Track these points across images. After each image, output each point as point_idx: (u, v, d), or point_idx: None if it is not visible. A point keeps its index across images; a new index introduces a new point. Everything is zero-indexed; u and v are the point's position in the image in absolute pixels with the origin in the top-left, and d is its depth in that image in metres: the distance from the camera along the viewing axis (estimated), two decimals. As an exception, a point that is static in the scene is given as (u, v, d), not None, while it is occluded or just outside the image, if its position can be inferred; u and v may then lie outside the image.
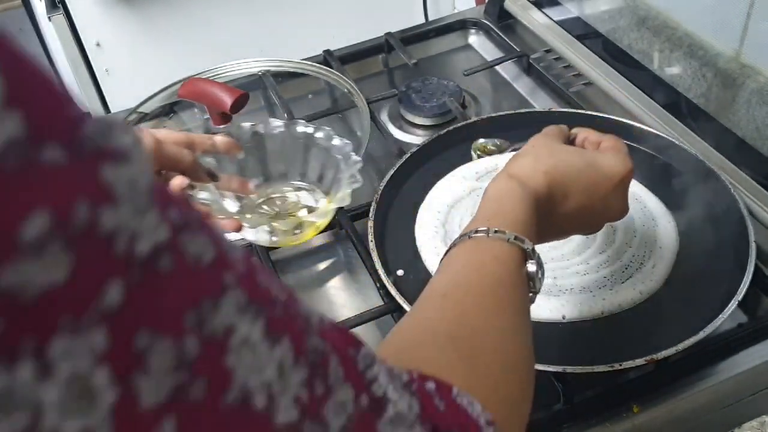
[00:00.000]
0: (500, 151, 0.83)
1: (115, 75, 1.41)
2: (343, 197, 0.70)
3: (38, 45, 1.70)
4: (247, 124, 0.75)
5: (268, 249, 0.81)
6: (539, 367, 0.61)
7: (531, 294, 0.49)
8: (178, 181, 0.65)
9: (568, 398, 0.65)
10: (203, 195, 0.69)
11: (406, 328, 0.43)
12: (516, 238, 0.48)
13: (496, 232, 0.48)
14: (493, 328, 0.43)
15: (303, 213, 0.77)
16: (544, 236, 0.55)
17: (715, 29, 0.89)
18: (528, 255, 0.48)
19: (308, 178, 0.78)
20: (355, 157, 0.72)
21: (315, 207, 0.78)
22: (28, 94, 0.19)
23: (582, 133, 0.65)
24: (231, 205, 0.75)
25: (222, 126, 0.97)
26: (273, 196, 0.78)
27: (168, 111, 1.05)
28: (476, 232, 0.49)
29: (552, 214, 0.55)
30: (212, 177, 0.69)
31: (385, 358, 0.32)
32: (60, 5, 1.32)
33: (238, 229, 0.69)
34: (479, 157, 0.83)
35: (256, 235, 0.72)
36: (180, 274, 0.22)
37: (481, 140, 0.83)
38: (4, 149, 0.18)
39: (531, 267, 0.48)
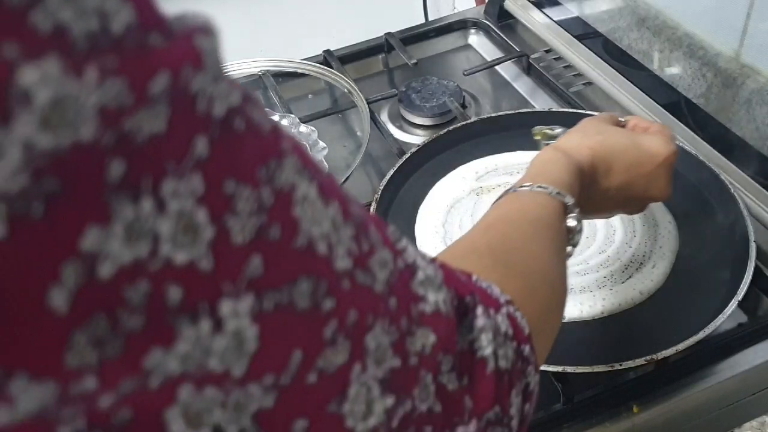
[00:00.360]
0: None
1: (115, 75, 1.41)
2: None
3: (38, 45, 1.70)
4: None
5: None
6: (539, 367, 0.62)
7: (569, 248, 0.51)
8: None
9: (568, 398, 0.65)
10: None
11: (450, 249, 0.46)
12: (559, 193, 0.51)
13: (539, 187, 0.51)
14: (532, 250, 0.46)
15: None
16: (586, 210, 0.56)
17: (715, 29, 0.89)
18: (569, 209, 0.51)
19: None
20: (321, 144, 0.72)
21: None
22: None
23: (632, 120, 0.67)
24: None
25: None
26: None
27: (168, 111, 1.05)
28: (520, 187, 0.52)
29: (595, 188, 0.57)
30: None
31: None
32: (60, 5, 1.32)
33: None
34: (541, 141, 0.80)
35: None
36: (250, 135, 0.25)
37: (540, 126, 0.81)
38: (125, 32, 0.21)
39: (571, 221, 0.51)
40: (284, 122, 0.73)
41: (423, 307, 0.31)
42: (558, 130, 0.70)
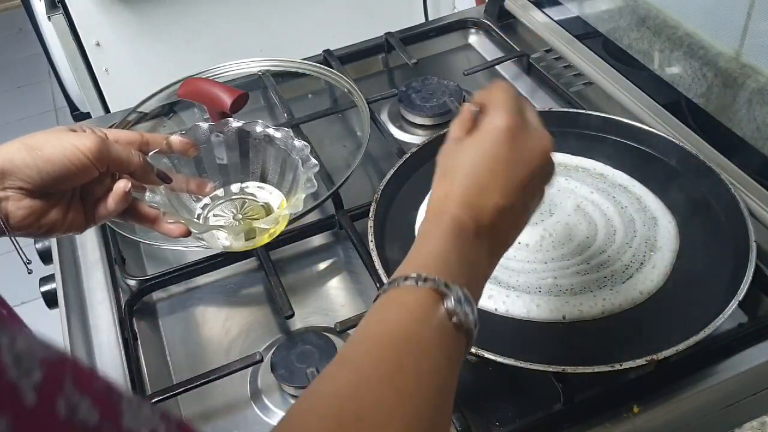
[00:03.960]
0: None
1: (114, 75, 1.41)
2: (296, 202, 0.69)
3: (38, 45, 1.70)
4: (204, 124, 0.74)
5: (268, 249, 0.81)
6: (539, 367, 0.61)
7: (464, 335, 0.45)
8: (121, 184, 0.63)
9: (568, 398, 0.65)
10: (156, 199, 0.66)
11: (300, 404, 0.41)
12: (426, 279, 0.45)
13: (405, 279, 0.45)
14: (390, 392, 0.40)
15: (260, 218, 0.75)
16: (493, 251, 0.51)
17: (715, 29, 0.89)
18: (442, 294, 0.44)
19: (268, 180, 0.77)
20: (312, 161, 0.71)
21: (274, 210, 0.77)
22: None
23: (481, 102, 0.56)
24: (186, 209, 0.73)
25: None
26: (233, 197, 0.76)
27: (168, 111, 1.05)
28: (390, 282, 0.46)
29: (483, 229, 0.50)
30: (164, 179, 0.66)
31: None
32: (60, 5, 1.32)
33: (186, 234, 0.66)
34: None
35: (209, 240, 0.70)
36: None
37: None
38: None
39: (449, 304, 0.44)
40: (278, 135, 0.73)
41: None
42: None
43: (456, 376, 0.44)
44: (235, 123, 0.74)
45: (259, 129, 0.74)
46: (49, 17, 1.33)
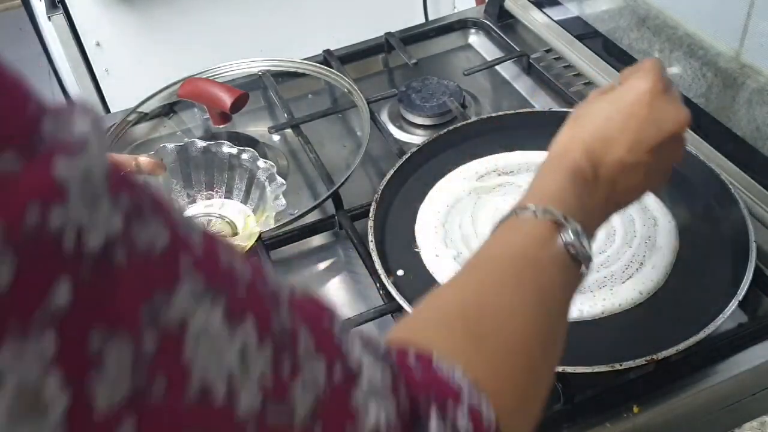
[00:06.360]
0: None
1: (115, 75, 1.41)
2: (266, 220, 0.70)
3: (38, 45, 1.70)
4: (171, 145, 0.76)
5: (268, 249, 0.81)
6: (539, 367, 0.61)
7: (578, 266, 0.47)
8: None
9: (568, 398, 0.65)
10: None
11: (423, 311, 0.43)
12: (545, 211, 0.46)
13: (524, 210, 0.47)
14: (508, 307, 0.42)
15: (226, 235, 0.77)
16: (609, 204, 0.53)
17: (715, 29, 0.89)
18: (560, 225, 0.46)
19: (234, 198, 0.78)
20: (279, 180, 0.73)
21: (238, 228, 0.78)
22: None
23: (623, 75, 0.59)
24: None
25: (222, 126, 0.97)
26: (197, 215, 0.77)
27: (168, 111, 1.05)
28: (514, 210, 0.48)
29: (606, 179, 0.52)
30: None
31: (396, 339, 0.32)
32: (60, 5, 1.32)
33: None
34: None
35: None
36: (133, 266, 0.21)
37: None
38: None
39: (566, 236, 0.46)
40: (244, 156, 0.75)
41: (360, 427, 0.27)
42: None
43: (569, 303, 0.46)
44: (200, 143, 0.77)
45: (225, 149, 0.76)
46: (49, 17, 1.33)
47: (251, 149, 0.76)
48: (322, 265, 0.86)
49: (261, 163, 0.75)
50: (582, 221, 0.47)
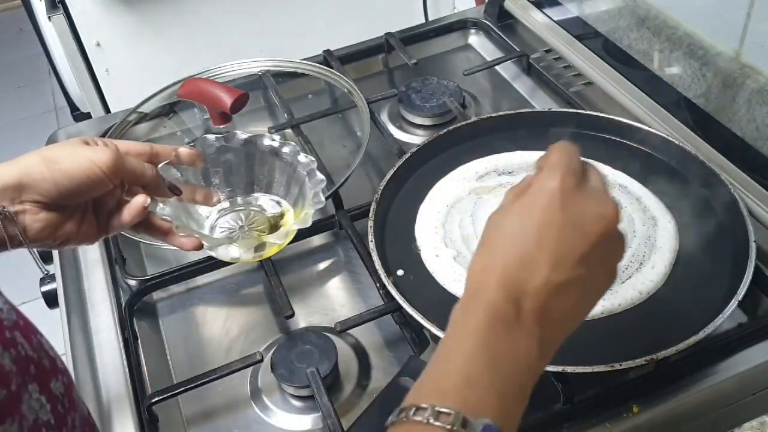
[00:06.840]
0: None
1: (115, 75, 1.41)
2: (305, 218, 0.69)
3: (38, 45, 1.70)
4: (212, 136, 0.75)
5: (268, 249, 0.81)
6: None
7: None
8: (140, 200, 0.63)
9: (568, 398, 0.65)
10: (166, 211, 0.66)
11: None
12: (441, 413, 0.39)
13: (416, 410, 0.39)
14: None
15: (265, 230, 0.76)
16: (546, 338, 0.44)
17: (715, 29, 0.89)
18: (465, 424, 0.38)
19: (274, 192, 0.78)
20: (319, 176, 0.71)
21: (281, 220, 0.77)
22: None
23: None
24: (194, 220, 0.73)
25: (222, 126, 0.97)
26: (238, 209, 0.77)
27: (168, 111, 1.05)
28: (401, 410, 0.41)
29: (528, 314, 0.43)
30: (174, 191, 0.67)
31: None
32: (60, 5, 1.32)
33: (199, 247, 0.67)
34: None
35: (218, 252, 0.71)
36: None
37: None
38: None
39: None
40: (285, 149, 0.73)
41: None
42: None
43: None
44: (242, 135, 0.75)
45: (266, 142, 0.74)
46: (49, 17, 1.33)
47: (292, 142, 0.75)
48: (322, 265, 0.86)
49: (302, 157, 0.73)
50: (501, 401, 0.40)
